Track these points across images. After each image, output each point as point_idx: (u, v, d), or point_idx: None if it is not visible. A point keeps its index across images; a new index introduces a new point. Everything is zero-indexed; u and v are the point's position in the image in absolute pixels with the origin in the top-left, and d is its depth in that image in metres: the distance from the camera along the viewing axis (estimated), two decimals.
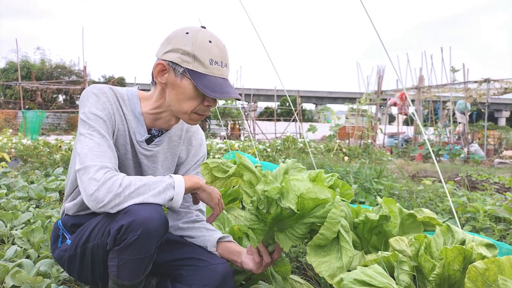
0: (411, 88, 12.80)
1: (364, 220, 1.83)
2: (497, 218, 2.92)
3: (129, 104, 1.41)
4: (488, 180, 5.60)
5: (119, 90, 1.41)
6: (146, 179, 1.25)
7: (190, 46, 1.26)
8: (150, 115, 1.43)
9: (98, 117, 1.30)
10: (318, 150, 9.13)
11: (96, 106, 1.31)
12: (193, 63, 1.26)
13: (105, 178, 1.19)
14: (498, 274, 1.15)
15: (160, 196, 1.23)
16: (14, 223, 2.55)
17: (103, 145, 1.27)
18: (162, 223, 1.24)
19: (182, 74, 1.28)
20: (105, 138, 1.29)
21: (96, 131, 1.28)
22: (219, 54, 1.29)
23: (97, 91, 1.34)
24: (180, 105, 1.33)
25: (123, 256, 1.23)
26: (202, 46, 1.26)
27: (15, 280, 1.61)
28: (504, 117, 37.83)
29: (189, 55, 1.26)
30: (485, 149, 11.30)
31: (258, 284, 1.75)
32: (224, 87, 1.28)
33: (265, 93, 34.77)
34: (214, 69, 1.28)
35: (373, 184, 3.80)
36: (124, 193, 1.19)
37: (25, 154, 6.06)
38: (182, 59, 1.27)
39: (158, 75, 1.33)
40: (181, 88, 1.30)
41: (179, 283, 1.43)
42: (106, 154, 1.26)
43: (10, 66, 25.88)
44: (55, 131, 20.25)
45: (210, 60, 1.26)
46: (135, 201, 1.20)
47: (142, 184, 1.22)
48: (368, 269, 1.13)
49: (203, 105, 1.34)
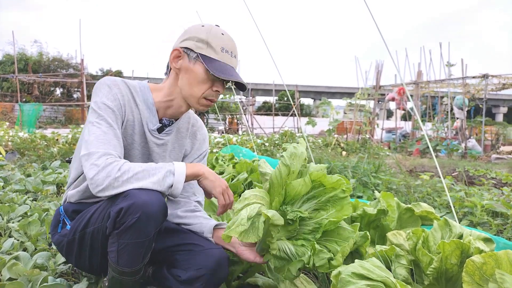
0: (410, 83, 12.80)
1: (362, 214, 1.83)
2: (494, 212, 2.93)
3: (141, 95, 1.47)
4: (486, 175, 5.62)
5: (132, 83, 1.48)
6: (147, 165, 1.27)
7: (204, 34, 1.38)
8: (163, 103, 1.49)
9: (108, 107, 1.35)
10: (316, 145, 9.13)
11: (108, 97, 1.37)
12: (206, 49, 1.37)
13: (106, 163, 1.23)
14: (496, 268, 1.15)
15: (160, 183, 1.25)
16: (11, 215, 2.54)
17: (109, 133, 1.32)
18: (161, 208, 1.27)
19: (195, 59, 1.38)
20: (112, 128, 1.34)
21: (104, 120, 1.33)
22: (230, 44, 1.40)
23: (110, 83, 1.40)
24: (191, 88, 1.41)
25: (122, 240, 1.25)
26: (215, 35, 1.38)
27: (12, 272, 1.60)
28: (501, 112, 37.94)
29: (203, 41, 1.37)
30: (483, 145, 11.34)
31: (255, 276, 1.75)
32: (232, 72, 1.38)
33: (263, 87, 34.73)
34: (224, 56, 1.38)
35: (371, 179, 3.80)
36: (123, 177, 1.22)
37: (22, 147, 6.04)
38: (196, 45, 1.37)
39: (173, 61, 1.42)
40: (193, 72, 1.39)
41: (175, 268, 1.45)
42: (111, 142, 1.30)
43: (6, 58, 25.73)
44: (52, 124, 20.17)
45: (221, 48, 1.38)
46: (133, 186, 1.22)
47: (141, 170, 1.25)
48: (365, 263, 1.12)
49: (212, 90, 1.42)
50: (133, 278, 1.35)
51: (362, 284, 1.04)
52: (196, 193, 1.66)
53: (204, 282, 1.38)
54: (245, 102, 18.09)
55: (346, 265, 1.15)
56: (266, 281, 1.71)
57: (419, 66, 12.84)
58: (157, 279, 1.51)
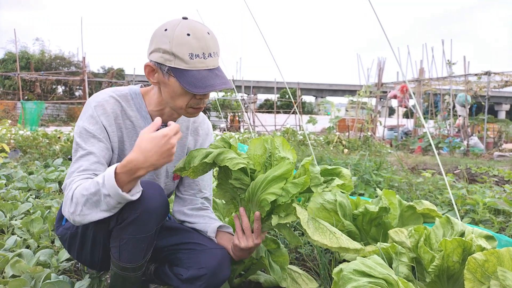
0: (412, 80, 12.75)
1: (363, 212, 1.83)
2: (496, 210, 2.93)
3: (134, 104, 1.42)
4: (488, 172, 5.60)
5: (122, 92, 1.41)
6: (87, 188, 1.17)
7: (168, 44, 1.23)
8: (155, 112, 1.44)
9: (88, 132, 1.31)
10: (318, 142, 9.13)
11: (89, 121, 1.32)
12: (174, 60, 1.24)
13: (65, 197, 1.22)
14: (498, 265, 1.15)
15: (101, 207, 1.17)
16: (13, 213, 2.55)
17: (83, 158, 1.28)
18: (163, 204, 1.27)
19: (168, 73, 1.27)
20: (88, 153, 1.29)
21: (81, 147, 1.30)
22: (198, 46, 1.24)
23: (96, 103, 1.34)
24: (174, 102, 1.34)
25: (124, 236, 1.26)
26: (179, 42, 1.22)
27: (15, 269, 1.61)
28: (504, 110, 37.78)
29: (169, 53, 1.24)
30: (485, 142, 11.29)
31: (256, 274, 1.76)
32: (208, 79, 1.25)
33: (265, 85, 34.65)
34: (196, 63, 1.24)
35: (373, 176, 3.80)
36: (76, 211, 1.18)
37: (24, 145, 6.05)
38: (164, 58, 1.25)
39: (150, 76, 1.33)
40: (170, 86, 1.30)
41: (177, 266, 1.46)
42: (83, 165, 1.26)
43: (9, 56, 25.75)
44: (55, 122, 20.21)
45: (189, 54, 1.23)
46: (91, 217, 1.18)
47: (84, 201, 1.17)
48: (367, 260, 1.13)
49: (196, 99, 1.33)
50: (135, 274, 1.35)
51: (364, 281, 1.04)
52: (203, 189, 1.64)
53: (205, 282, 1.38)
54: (246, 100, 18.07)
55: (347, 263, 1.15)
56: (268, 279, 1.72)
57: (421, 63, 12.79)
58: (159, 277, 1.51)
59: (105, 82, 20.21)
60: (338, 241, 1.29)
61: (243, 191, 1.42)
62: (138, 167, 1.14)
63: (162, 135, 1.16)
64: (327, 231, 1.32)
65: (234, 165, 1.31)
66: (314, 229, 1.30)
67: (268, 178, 1.32)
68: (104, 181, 1.14)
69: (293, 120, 18.36)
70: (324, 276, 1.74)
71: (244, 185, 1.41)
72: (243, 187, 1.41)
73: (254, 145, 1.46)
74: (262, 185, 1.34)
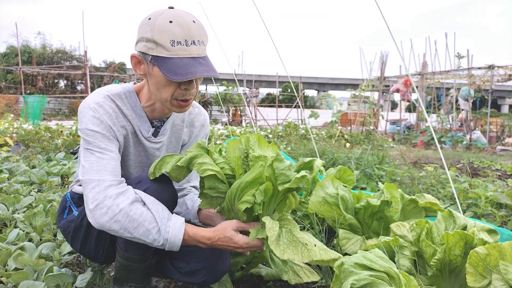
0: (415, 74, 12.68)
1: (365, 206, 1.83)
2: (498, 204, 2.92)
3: (128, 102, 1.40)
4: (490, 167, 5.58)
5: (116, 91, 1.38)
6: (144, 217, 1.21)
7: (150, 32, 1.21)
8: (147, 108, 1.42)
9: (96, 132, 1.29)
10: (320, 137, 9.10)
11: (93, 122, 1.30)
12: (156, 48, 1.21)
13: (104, 198, 1.20)
14: (499, 259, 1.15)
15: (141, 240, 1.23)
16: (16, 206, 2.56)
17: (103, 158, 1.27)
18: (172, 196, 1.30)
19: (151, 63, 1.25)
20: (104, 152, 1.29)
21: (95, 145, 1.28)
22: (181, 33, 1.20)
23: (94, 105, 1.32)
24: (160, 93, 1.30)
25: None
26: (161, 29, 1.19)
27: (18, 262, 1.62)
28: (507, 104, 37.60)
29: (151, 41, 1.21)
30: (488, 136, 11.25)
31: (258, 267, 1.76)
32: (189, 67, 1.21)
33: (267, 79, 34.58)
34: (178, 50, 1.20)
35: (375, 170, 3.79)
36: (130, 228, 1.20)
37: (27, 139, 6.07)
38: (147, 47, 1.23)
39: (136, 68, 1.31)
40: (154, 77, 1.27)
41: (177, 259, 1.46)
42: (107, 167, 1.26)
43: (10, 50, 25.73)
44: (57, 116, 20.23)
45: (171, 41, 1.19)
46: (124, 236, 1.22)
47: (136, 225, 1.21)
48: (369, 253, 1.12)
49: (181, 89, 1.29)
50: (139, 265, 1.36)
51: (365, 275, 1.04)
52: (191, 180, 1.65)
53: (205, 274, 1.39)
54: (248, 94, 18.03)
55: (349, 256, 1.15)
56: (269, 272, 1.72)
57: (424, 56, 12.72)
58: (160, 270, 1.52)
59: (106, 76, 20.18)
60: (309, 254, 1.19)
61: (222, 199, 1.33)
62: (202, 243, 1.27)
63: (235, 246, 1.26)
64: (299, 244, 1.21)
65: (203, 171, 1.22)
66: (286, 245, 1.20)
67: (242, 185, 1.22)
68: (168, 239, 1.22)
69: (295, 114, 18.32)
70: (325, 269, 1.74)
71: (221, 193, 1.31)
72: (221, 195, 1.32)
73: (231, 147, 1.35)
74: (237, 193, 1.24)
